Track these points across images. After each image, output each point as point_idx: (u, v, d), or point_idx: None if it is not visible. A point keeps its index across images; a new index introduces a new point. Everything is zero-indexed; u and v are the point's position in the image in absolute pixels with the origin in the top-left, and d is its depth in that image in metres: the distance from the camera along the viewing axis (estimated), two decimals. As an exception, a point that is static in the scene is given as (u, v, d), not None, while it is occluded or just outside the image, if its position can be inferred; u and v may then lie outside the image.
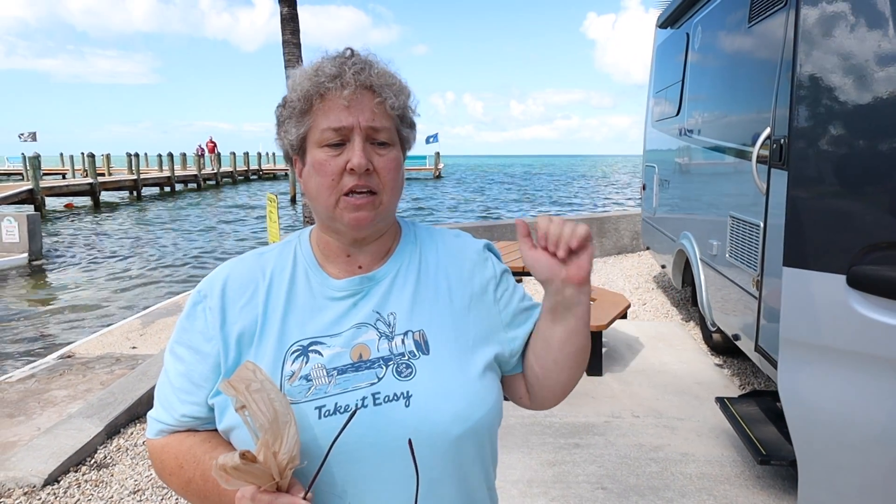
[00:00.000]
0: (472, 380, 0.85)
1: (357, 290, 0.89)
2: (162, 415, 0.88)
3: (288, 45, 5.15)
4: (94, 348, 5.00)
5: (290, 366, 0.83)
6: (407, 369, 0.83)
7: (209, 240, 14.54)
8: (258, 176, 41.29)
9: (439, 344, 0.86)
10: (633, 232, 8.51)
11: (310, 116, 0.85)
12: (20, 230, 10.24)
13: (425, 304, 0.89)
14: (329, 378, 0.82)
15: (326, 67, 0.84)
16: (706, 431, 3.18)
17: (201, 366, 0.86)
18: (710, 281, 4.06)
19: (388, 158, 0.86)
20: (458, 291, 0.91)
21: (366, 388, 0.81)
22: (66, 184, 23.74)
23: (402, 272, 0.91)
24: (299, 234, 0.96)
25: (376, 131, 0.84)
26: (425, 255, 0.94)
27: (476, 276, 0.94)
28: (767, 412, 2.87)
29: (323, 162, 0.84)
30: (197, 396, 0.86)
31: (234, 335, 0.85)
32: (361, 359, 0.83)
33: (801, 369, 2.15)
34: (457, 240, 0.98)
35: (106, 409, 3.31)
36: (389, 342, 0.85)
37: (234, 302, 0.87)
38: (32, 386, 4.07)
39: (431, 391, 0.81)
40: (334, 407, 0.79)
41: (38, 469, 2.77)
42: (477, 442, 0.85)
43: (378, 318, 0.87)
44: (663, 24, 5.62)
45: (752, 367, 4.11)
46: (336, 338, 0.85)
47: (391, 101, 0.85)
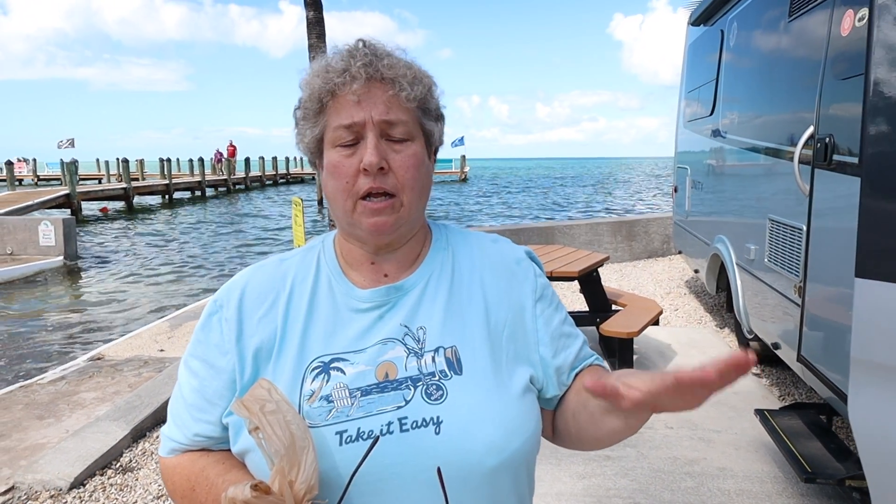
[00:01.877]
0: (509, 404, 0.77)
1: (383, 301, 0.81)
2: (174, 432, 0.83)
3: (314, 49, 5.15)
4: (123, 351, 5.06)
5: (309, 384, 0.76)
6: (437, 391, 0.75)
7: (238, 244, 14.73)
8: (286, 180, 41.81)
9: (473, 363, 0.78)
10: (664, 235, 8.31)
11: (323, 116, 0.79)
12: (56, 234, 10.50)
13: (458, 318, 0.81)
14: (352, 399, 0.75)
15: (335, 62, 0.77)
16: (744, 445, 3.04)
17: (215, 382, 0.80)
18: (747, 286, 3.90)
19: (405, 155, 0.78)
20: (495, 305, 0.83)
21: (392, 411, 0.74)
22: (102, 189, 24.36)
23: (432, 282, 0.83)
24: (323, 239, 0.89)
25: (391, 125, 0.77)
26: (459, 262, 0.86)
27: (515, 287, 0.85)
28: (811, 426, 2.72)
29: (336, 163, 0.78)
30: (210, 415, 0.80)
31: (251, 349, 0.79)
32: (387, 378, 0.76)
33: (877, 393, 1.95)
34: (494, 245, 0.90)
35: (132, 413, 3.32)
36: (418, 360, 0.77)
37: (251, 313, 0.81)
38: (63, 388, 4.13)
39: (464, 417, 0.74)
40: (357, 432, 0.72)
41: (65, 472, 2.78)
42: (513, 473, 0.76)
43: (406, 333, 0.79)
44: (696, 21, 5.46)
45: (791, 378, 3.93)
46: (360, 354, 0.78)
47: (406, 92, 0.77)
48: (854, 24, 2.33)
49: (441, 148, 0.87)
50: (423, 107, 0.81)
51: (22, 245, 10.52)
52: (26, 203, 16.28)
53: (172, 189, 27.05)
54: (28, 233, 10.56)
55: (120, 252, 12.93)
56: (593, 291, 4.50)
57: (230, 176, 32.94)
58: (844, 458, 2.42)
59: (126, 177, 24.35)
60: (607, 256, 4.83)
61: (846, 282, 2.51)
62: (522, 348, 0.83)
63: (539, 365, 0.84)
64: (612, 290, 4.81)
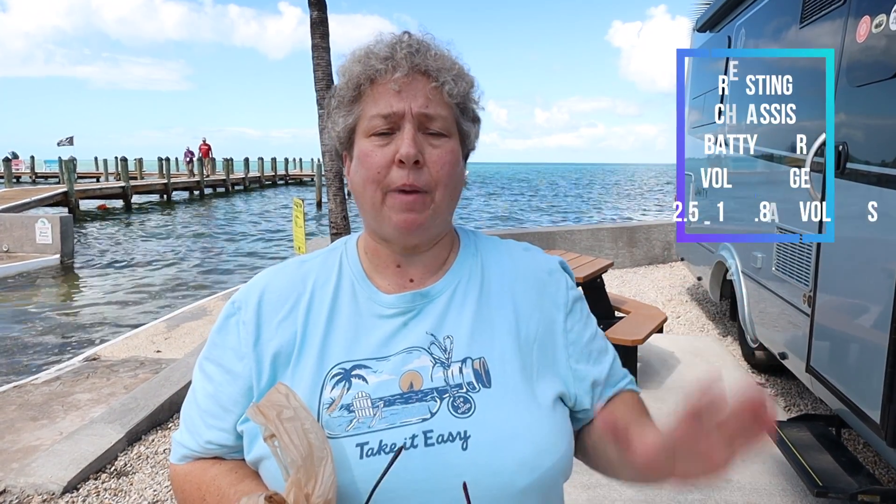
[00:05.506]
0: (540, 420, 0.72)
1: (409, 307, 0.77)
2: (186, 439, 0.79)
3: (317, 49, 5.09)
4: (119, 351, 4.99)
5: (329, 392, 0.72)
6: (465, 404, 0.71)
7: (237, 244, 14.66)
8: (285, 181, 41.78)
9: (503, 376, 0.73)
10: (665, 242, 8.27)
11: (359, 105, 0.75)
12: (53, 232, 10.42)
13: (487, 329, 0.76)
14: (374, 410, 0.70)
15: (378, 49, 0.74)
16: (751, 456, 2.98)
17: (231, 387, 0.76)
18: (752, 295, 3.86)
19: (443, 151, 0.74)
20: (526, 316, 0.79)
21: (416, 423, 0.70)
22: (100, 187, 24.25)
23: (460, 289, 0.79)
24: (346, 241, 0.85)
25: (430, 119, 0.73)
26: (488, 270, 0.82)
27: (546, 299, 0.81)
28: (821, 438, 2.67)
29: (369, 152, 0.73)
30: (224, 422, 0.76)
31: (270, 354, 0.75)
32: (412, 389, 0.72)
33: None
34: (526, 254, 0.86)
35: (128, 415, 3.26)
36: (445, 371, 0.73)
37: (270, 316, 0.77)
38: (57, 388, 4.06)
39: (493, 432, 0.69)
40: (378, 445, 0.68)
41: (58, 476, 2.72)
42: (544, 495, 0.72)
43: (433, 342, 0.75)
44: (701, 27, 5.43)
45: (797, 387, 3.89)
46: (383, 362, 0.73)
47: (449, 87, 0.74)
48: (871, 30, 2.30)
49: (477, 143, 0.82)
50: (463, 105, 0.78)
51: (18, 242, 10.44)
52: (24, 200, 16.20)
53: (171, 188, 26.97)
54: (25, 230, 10.47)
55: (117, 251, 12.85)
56: (597, 298, 4.46)
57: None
58: (856, 472, 2.38)
59: (124, 176, 24.26)
60: (611, 263, 4.78)
61: (858, 292, 2.48)
62: (553, 363, 0.78)
63: (571, 380, 0.79)
64: (616, 297, 4.77)
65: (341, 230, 4.99)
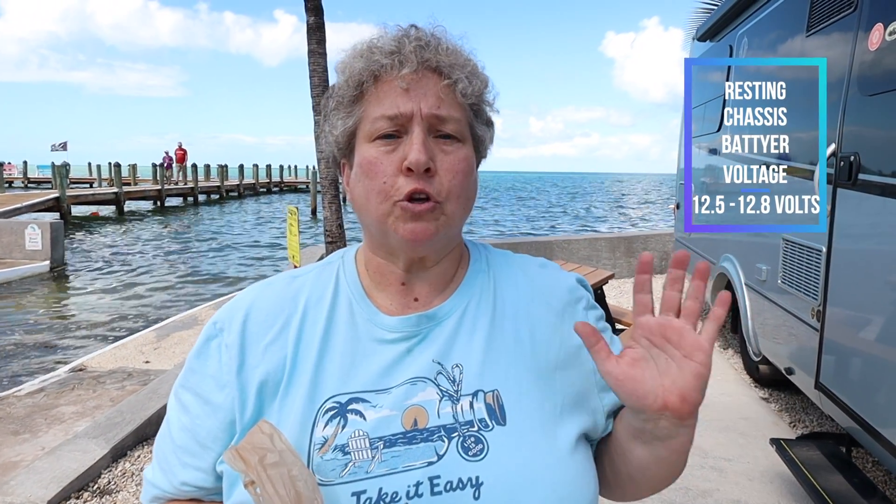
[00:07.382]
0: (562, 463, 0.63)
1: (413, 331, 0.68)
2: (159, 478, 0.69)
3: (314, 55, 5.03)
4: (106, 361, 4.86)
5: (322, 430, 0.63)
6: (476, 445, 0.62)
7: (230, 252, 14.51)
8: (280, 188, 41.67)
9: (519, 411, 0.65)
10: (663, 252, 8.21)
11: (360, 105, 0.66)
12: (43, 238, 10.26)
13: (502, 356, 0.67)
14: (373, 451, 0.61)
15: (383, 43, 0.65)
16: (758, 475, 2.90)
17: (210, 420, 0.66)
18: (756, 308, 3.78)
19: (455, 157, 0.65)
20: (545, 342, 0.70)
21: (421, 468, 0.61)
22: (92, 192, 24.07)
23: (470, 311, 0.70)
24: (343, 254, 0.76)
25: (442, 121, 0.64)
26: (501, 289, 0.73)
27: (567, 322, 0.71)
28: (831, 458, 2.59)
29: (373, 160, 0.64)
30: (202, 460, 0.66)
31: (255, 383, 0.66)
32: (416, 426, 0.63)
33: None
34: (543, 271, 0.76)
35: (113, 430, 3.13)
36: (454, 405, 0.64)
37: (257, 339, 0.67)
38: (41, 401, 3.93)
39: (509, 479, 0.61)
40: (378, 494, 0.59)
41: (39, 494, 2.59)
42: None
43: (439, 372, 0.66)
44: (702, 36, 5.40)
45: (802, 403, 3.80)
46: (384, 395, 0.64)
47: (463, 86, 0.65)
48: (884, 37, 2.23)
49: (491, 149, 0.73)
50: (477, 107, 0.69)
51: (7, 249, 10.27)
52: (14, 206, 16.01)
53: (165, 195, 26.79)
54: (14, 236, 10.31)
55: (108, 259, 12.69)
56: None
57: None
58: (870, 494, 2.29)
59: (118, 181, 24.06)
60: (612, 274, 4.71)
61: (870, 306, 2.40)
62: (579, 394, 0.69)
63: (600, 413, 0.70)
64: (617, 308, 4.69)
65: (336, 239, 4.90)
